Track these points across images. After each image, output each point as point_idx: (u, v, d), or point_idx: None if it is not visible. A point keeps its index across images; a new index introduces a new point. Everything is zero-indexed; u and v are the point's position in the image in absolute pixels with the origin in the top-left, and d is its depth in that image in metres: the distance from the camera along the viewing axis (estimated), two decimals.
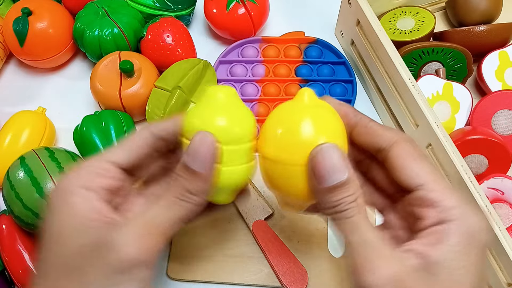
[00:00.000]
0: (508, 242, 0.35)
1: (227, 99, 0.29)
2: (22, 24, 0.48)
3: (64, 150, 0.43)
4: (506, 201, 0.42)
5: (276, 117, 0.29)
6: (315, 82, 0.51)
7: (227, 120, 0.28)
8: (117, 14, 0.49)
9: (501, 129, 0.46)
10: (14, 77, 0.54)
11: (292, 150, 0.27)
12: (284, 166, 0.27)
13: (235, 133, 0.28)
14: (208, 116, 0.28)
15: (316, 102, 0.28)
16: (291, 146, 0.27)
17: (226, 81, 0.51)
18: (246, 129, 0.29)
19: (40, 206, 0.38)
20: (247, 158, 0.29)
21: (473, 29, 0.49)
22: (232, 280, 0.41)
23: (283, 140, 0.27)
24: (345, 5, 0.50)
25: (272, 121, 0.29)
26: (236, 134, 0.28)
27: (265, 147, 0.28)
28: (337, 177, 0.25)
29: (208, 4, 0.52)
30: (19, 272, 0.40)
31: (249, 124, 0.29)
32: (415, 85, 0.41)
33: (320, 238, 0.43)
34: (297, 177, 0.27)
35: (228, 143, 0.27)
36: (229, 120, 0.28)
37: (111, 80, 0.46)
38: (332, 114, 0.28)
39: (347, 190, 0.25)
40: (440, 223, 0.24)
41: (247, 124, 0.29)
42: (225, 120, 0.28)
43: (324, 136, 0.26)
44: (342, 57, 0.52)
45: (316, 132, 0.26)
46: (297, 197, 0.28)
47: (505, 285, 0.36)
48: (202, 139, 0.26)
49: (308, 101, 0.28)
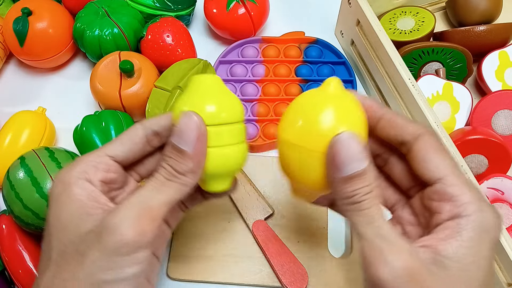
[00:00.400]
0: (508, 242, 0.35)
1: (212, 85, 0.30)
2: (22, 24, 0.48)
3: (64, 150, 0.43)
4: (506, 201, 0.42)
5: (299, 102, 0.29)
6: (315, 82, 0.51)
7: (213, 103, 0.29)
8: (117, 14, 0.49)
9: (501, 129, 0.46)
10: (14, 77, 0.54)
11: (313, 135, 0.27)
12: (302, 150, 0.27)
13: (221, 115, 0.28)
14: (194, 100, 0.29)
15: (341, 92, 0.28)
16: (312, 132, 0.27)
17: (226, 81, 0.51)
18: (232, 111, 0.29)
19: (40, 206, 0.38)
20: (235, 139, 0.29)
21: (473, 29, 0.49)
22: (232, 280, 0.41)
23: (304, 126, 0.27)
24: (345, 5, 0.50)
25: (295, 107, 0.29)
26: (222, 115, 0.29)
27: (285, 131, 0.29)
28: (354, 166, 0.25)
29: (208, 4, 0.52)
30: (19, 272, 0.40)
31: (235, 107, 0.30)
32: (415, 85, 0.41)
33: (320, 238, 0.43)
34: (314, 163, 0.27)
35: (215, 124, 0.28)
36: (215, 103, 0.29)
37: (111, 80, 0.46)
38: (355, 105, 0.28)
39: (364, 181, 0.25)
40: (455, 218, 0.25)
41: (232, 107, 0.30)
42: (211, 103, 0.29)
43: (345, 126, 0.26)
44: (342, 57, 0.52)
45: (337, 121, 0.26)
46: (311, 184, 0.28)
47: (505, 285, 0.36)
48: (188, 118, 0.27)
49: (333, 90, 0.28)
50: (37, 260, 0.41)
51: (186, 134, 0.27)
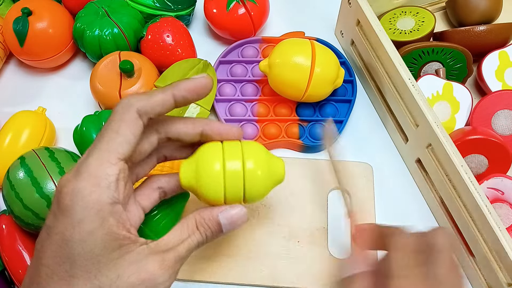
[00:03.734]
0: (508, 242, 0.35)
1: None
2: (22, 24, 0.48)
3: (64, 150, 0.43)
4: (506, 201, 0.42)
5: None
6: None
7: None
8: (117, 14, 0.49)
9: (501, 129, 0.46)
10: (14, 77, 0.54)
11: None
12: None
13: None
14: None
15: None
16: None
17: (226, 81, 0.51)
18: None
19: (40, 206, 0.38)
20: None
21: (473, 29, 0.49)
22: (232, 280, 0.41)
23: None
24: (345, 5, 0.50)
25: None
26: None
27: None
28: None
29: (208, 4, 0.52)
30: (19, 272, 0.40)
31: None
32: (415, 85, 0.41)
33: (320, 238, 0.43)
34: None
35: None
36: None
37: (111, 80, 0.46)
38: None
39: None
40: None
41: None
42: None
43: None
44: (342, 57, 0.52)
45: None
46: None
47: (505, 285, 0.36)
48: (242, 215, 0.32)
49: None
50: None
51: (236, 225, 0.31)
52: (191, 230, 0.31)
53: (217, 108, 0.49)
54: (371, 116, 0.51)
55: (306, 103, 0.49)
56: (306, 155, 0.49)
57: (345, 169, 0.45)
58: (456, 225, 0.41)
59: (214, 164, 0.31)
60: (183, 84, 0.30)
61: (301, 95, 0.45)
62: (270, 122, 0.49)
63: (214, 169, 0.31)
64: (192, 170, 0.32)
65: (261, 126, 0.49)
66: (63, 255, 0.26)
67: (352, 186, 0.45)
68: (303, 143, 0.47)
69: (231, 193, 0.31)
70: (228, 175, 0.31)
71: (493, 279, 0.38)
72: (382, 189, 0.46)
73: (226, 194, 0.31)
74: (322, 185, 0.46)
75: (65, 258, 0.26)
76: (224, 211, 0.31)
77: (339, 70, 0.46)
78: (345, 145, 0.49)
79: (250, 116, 0.49)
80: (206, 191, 0.31)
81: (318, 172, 0.46)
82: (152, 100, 0.29)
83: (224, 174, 0.31)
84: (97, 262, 0.26)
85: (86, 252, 0.26)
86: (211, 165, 0.31)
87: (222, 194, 0.31)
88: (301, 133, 0.48)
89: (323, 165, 0.46)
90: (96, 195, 0.26)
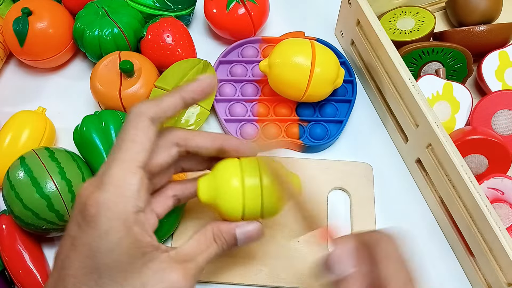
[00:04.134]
0: (508, 242, 0.35)
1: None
2: (22, 24, 0.48)
3: (64, 150, 0.43)
4: (506, 201, 0.42)
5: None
6: None
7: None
8: (117, 14, 0.49)
9: (501, 129, 0.46)
10: (14, 77, 0.54)
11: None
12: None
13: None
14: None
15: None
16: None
17: (226, 81, 0.51)
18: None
19: (40, 206, 0.38)
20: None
21: (473, 29, 0.49)
22: (232, 280, 0.41)
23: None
24: (345, 5, 0.50)
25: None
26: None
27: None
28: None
29: (208, 4, 0.52)
30: (19, 272, 0.40)
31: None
32: (415, 85, 0.41)
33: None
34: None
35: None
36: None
37: (111, 80, 0.46)
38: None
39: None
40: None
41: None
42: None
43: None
44: (342, 57, 0.52)
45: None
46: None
47: (505, 285, 0.36)
48: (258, 231, 0.34)
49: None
50: (37, 260, 0.41)
51: (251, 240, 0.33)
52: (209, 242, 0.32)
53: (217, 108, 0.49)
54: (371, 116, 0.51)
55: (306, 103, 0.49)
56: (306, 155, 0.49)
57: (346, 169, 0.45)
58: (456, 225, 0.41)
59: (234, 182, 0.32)
60: (190, 86, 0.32)
61: (301, 95, 0.45)
62: (270, 122, 0.49)
63: (233, 186, 0.32)
64: (211, 187, 0.33)
65: (261, 126, 0.49)
66: (91, 265, 0.27)
67: (352, 186, 0.45)
68: (303, 143, 0.47)
69: (249, 209, 0.33)
70: (247, 193, 0.32)
71: (493, 279, 0.38)
72: (382, 189, 0.46)
73: (245, 211, 0.33)
74: (322, 185, 0.46)
75: (93, 268, 0.27)
76: (241, 226, 0.33)
77: (339, 70, 0.46)
78: (345, 145, 0.49)
79: (250, 116, 0.49)
80: (225, 208, 0.32)
81: (318, 172, 0.46)
82: (162, 105, 0.30)
83: (243, 192, 0.32)
84: (124, 271, 0.27)
85: (113, 261, 0.27)
86: (230, 183, 0.32)
87: (241, 211, 0.33)
88: (301, 133, 0.48)
89: (323, 165, 0.46)
90: (121, 205, 0.27)
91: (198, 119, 0.46)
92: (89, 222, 0.27)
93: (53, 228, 0.40)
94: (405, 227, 0.44)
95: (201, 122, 0.47)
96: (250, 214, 0.33)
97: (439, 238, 0.44)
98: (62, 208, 0.39)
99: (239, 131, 0.48)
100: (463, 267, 0.42)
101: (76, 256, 0.27)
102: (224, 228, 0.32)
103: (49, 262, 0.43)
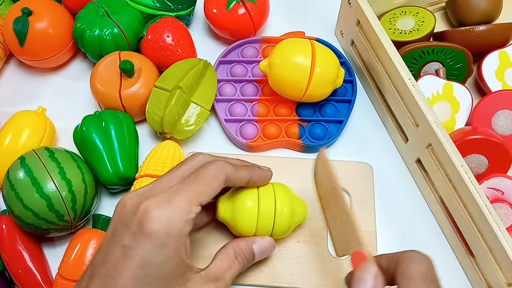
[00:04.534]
0: (508, 242, 0.35)
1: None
2: (22, 24, 0.48)
3: (64, 150, 0.43)
4: (506, 201, 0.42)
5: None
6: None
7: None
8: (117, 14, 0.49)
9: (501, 129, 0.46)
10: (14, 77, 0.54)
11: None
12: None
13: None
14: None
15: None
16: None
17: (226, 81, 0.51)
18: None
19: (40, 206, 0.38)
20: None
21: (473, 29, 0.49)
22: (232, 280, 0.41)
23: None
24: (345, 5, 0.50)
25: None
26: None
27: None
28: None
29: (208, 4, 0.52)
30: (19, 272, 0.40)
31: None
32: (415, 85, 0.41)
33: (320, 238, 0.43)
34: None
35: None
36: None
37: (111, 80, 0.46)
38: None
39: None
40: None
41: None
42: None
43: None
44: (342, 57, 0.52)
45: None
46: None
47: (505, 285, 0.36)
48: (272, 245, 0.39)
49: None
50: (37, 260, 0.41)
51: (266, 254, 0.39)
52: (231, 260, 0.36)
53: (217, 108, 0.49)
54: (371, 116, 0.51)
55: (306, 103, 0.49)
56: (306, 155, 0.49)
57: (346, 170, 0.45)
58: (456, 225, 0.41)
59: (251, 203, 0.37)
60: (259, 171, 0.37)
61: (301, 95, 0.45)
62: (270, 122, 0.49)
63: (250, 207, 0.37)
64: (230, 207, 0.38)
65: (261, 126, 0.49)
66: (143, 276, 0.29)
67: (352, 186, 0.45)
68: (303, 143, 0.47)
69: (262, 228, 0.37)
70: (261, 214, 0.37)
71: (493, 279, 0.38)
72: (382, 189, 0.46)
73: (257, 229, 0.37)
74: None
75: (143, 279, 0.29)
76: (257, 242, 0.38)
77: (339, 70, 0.46)
78: (345, 145, 0.49)
79: (250, 116, 0.49)
80: (241, 226, 0.37)
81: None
82: (238, 175, 0.35)
83: (258, 213, 0.37)
84: (168, 286, 0.30)
85: (163, 275, 0.30)
86: (248, 205, 0.37)
87: (255, 229, 0.37)
88: (301, 133, 0.48)
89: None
90: (180, 225, 0.30)
91: (198, 119, 0.46)
92: (147, 234, 0.29)
93: (53, 228, 0.40)
94: (405, 227, 0.45)
95: (201, 122, 0.47)
96: (262, 232, 0.38)
97: (439, 238, 0.44)
98: (62, 208, 0.39)
99: (239, 131, 0.48)
100: (463, 267, 0.42)
101: (127, 265, 0.29)
102: (243, 246, 0.37)
103: (49, 262, 0.43)
